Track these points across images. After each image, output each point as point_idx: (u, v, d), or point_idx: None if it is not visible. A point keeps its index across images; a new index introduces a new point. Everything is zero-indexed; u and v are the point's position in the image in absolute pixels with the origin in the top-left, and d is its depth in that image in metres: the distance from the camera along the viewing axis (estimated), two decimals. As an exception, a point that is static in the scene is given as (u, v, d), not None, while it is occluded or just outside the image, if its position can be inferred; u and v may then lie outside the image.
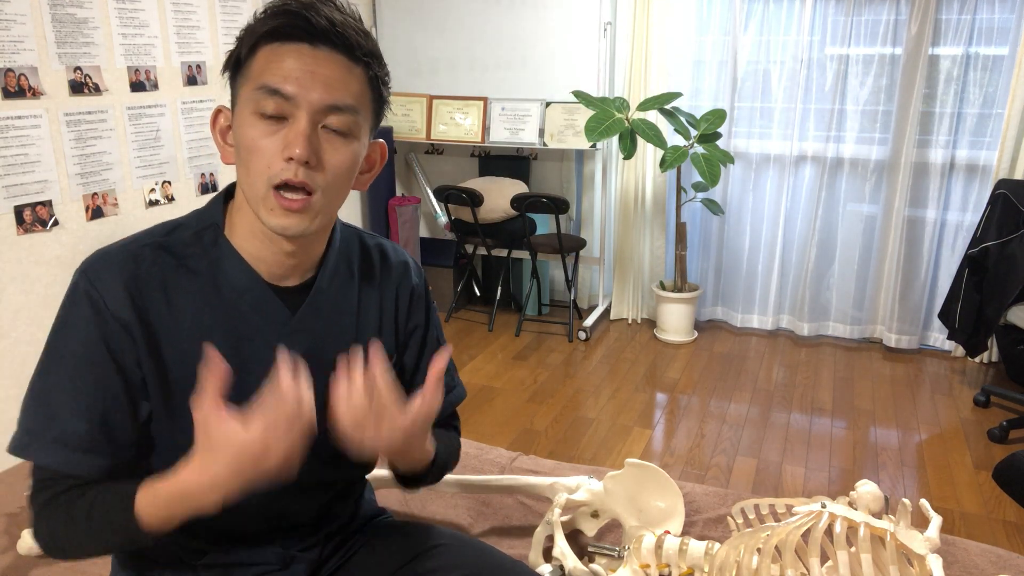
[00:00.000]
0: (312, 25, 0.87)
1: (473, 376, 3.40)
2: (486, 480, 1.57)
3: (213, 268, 0.97)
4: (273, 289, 0.99)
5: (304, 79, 0.87)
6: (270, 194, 0.89)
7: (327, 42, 0.89)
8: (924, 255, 3.62)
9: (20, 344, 2.44)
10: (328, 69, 0.89)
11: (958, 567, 1.47)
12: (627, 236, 4.00)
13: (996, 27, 3.33)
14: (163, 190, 2.92)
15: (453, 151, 4.36)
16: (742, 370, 3.49)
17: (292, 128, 0.88)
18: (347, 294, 1.06)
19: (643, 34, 3.72)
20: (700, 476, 2.61)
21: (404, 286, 1.12)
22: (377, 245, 1.12)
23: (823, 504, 1.14)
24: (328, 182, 0.91)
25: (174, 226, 0.99)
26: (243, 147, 0.90)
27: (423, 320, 1.14)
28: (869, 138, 3.64)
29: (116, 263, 0.93)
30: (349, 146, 0.92)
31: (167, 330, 0.94)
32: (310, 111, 0.88)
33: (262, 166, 0.89)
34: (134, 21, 2.74)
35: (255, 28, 0.90)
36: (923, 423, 2.98)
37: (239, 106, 0.92)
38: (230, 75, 0.94)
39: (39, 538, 0.92)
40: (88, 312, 0.91)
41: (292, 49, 0.88)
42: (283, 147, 0.88)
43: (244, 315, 0.97)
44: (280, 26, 0.88)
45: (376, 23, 4.09)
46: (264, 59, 0.89)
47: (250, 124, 0.89)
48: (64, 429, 0.90)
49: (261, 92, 0.88)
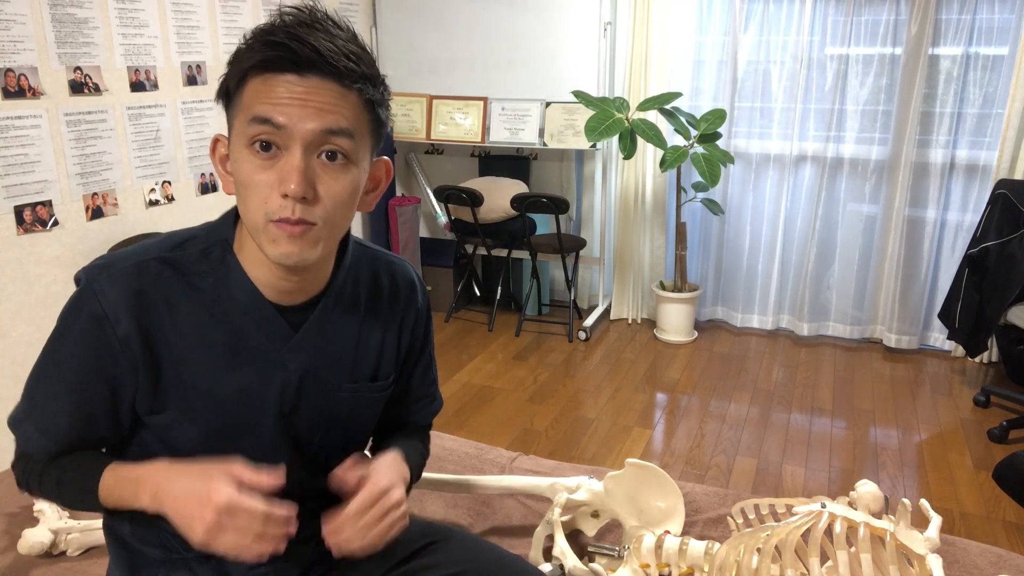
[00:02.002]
0: (298, 55, 0.85)
1: (473, 376, 3.40)
2: (486, 480, 1.57)
3: (218, 285, 0.97)
4: (277, 308, 0.99)
5: (294, 108, 0.85)
6: (269, 225, 0.89)
7: (315, 71, 0.86)
8: (924, 255, 3.62)
9: (20, 344, 2.44)
10: (319, 97, 0.86)
11: (958, 567, 1.47)
12: (627, 236, 4.00)
13: (996, 27, 3.33)
14: (163, 190, 2.92)
15: (453, 151, 4.36)
16: (742, 370, 3.49)
17: (287, 161, 0.87)
18: (351, 318, 1.06)
19: (643, 34, 3.72)
20: (700, 476, 2.61)
21: (410, 310, 1.13)
22: (387, 267, 1.11)
23: (823, 504, 1.14)
24: (328, 212, 0.89)
25: (183, 239, 0.99)
26: (239, 181, 0.90)
27: (421, 335, 1.17)
28: (869, 138, 3.64)
29: (122, 277, 0.93)
30: (347, 174, 0.90)
31: (168, 347, 0.95)
32: (303, 141, 0.86)
33: (258, 201, 0.88)
34: (134, 21, 2.74)
35: (242, 60, 0.88)
36: (923, 423, 2.98)
37: (233, 139, 0.91)
38: (224, 106, 0.93)
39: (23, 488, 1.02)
40: (88, 327, 0.93)
41: (281, 80, 0.86)
42: (278, 182, 0.87)
43: (246, 333, 0.97)
44: (267, 58, 0.86)
45: (376, 23, 4.09)
46: (254, 90, 0.87)
47: (245, 158, 0.88)
48: (48, 424, 0.97)
49: (253, 124, 0.87)
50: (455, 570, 1.07)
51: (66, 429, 0.97)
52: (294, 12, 0.89)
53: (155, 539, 1.04)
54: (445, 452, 1.92)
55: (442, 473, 1.65)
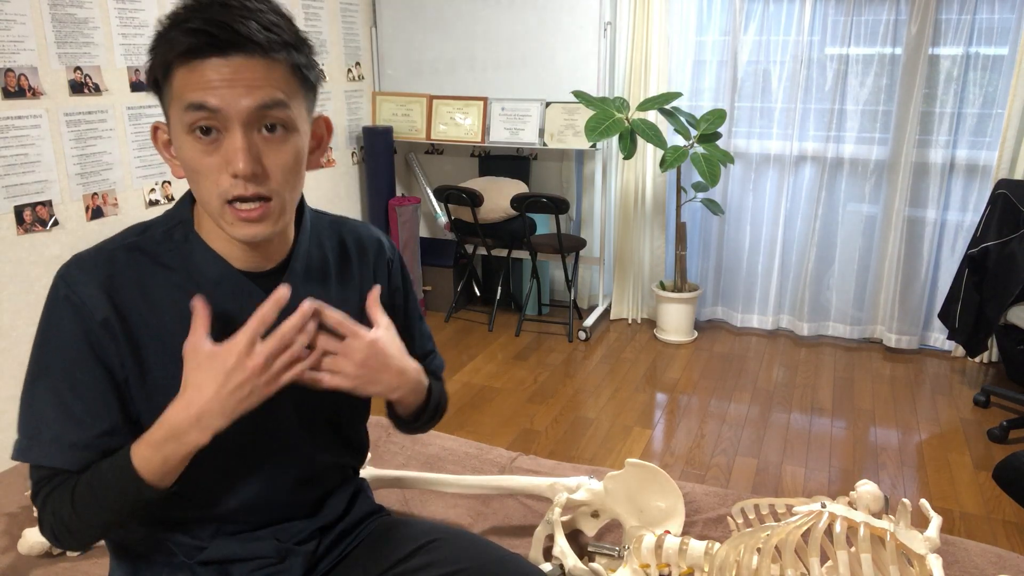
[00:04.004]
0: (218, 39, 0.86)
1: (473, 376, 3.40)
2: (486, 480, 1.57)
3: (186, 262, 0.99)
4: (247, 275, 1.01)
5: (224, 89, 0.86)
6: (226, 209, 0.91)
7: (237, 50, 0.87)
8: (924, 255, 3.62)
9: (20, 344, 2.44)
10: (247, 74, 0.87)
11: (958, 567, 1.47)
12: (627, 236, 4.00)
13: (996, 27, 3.33)
14: (163, 190, 2.92)
15: (453, 151, 4.36)
16: (742, 370, 3.49)
17: (229, 143, 0.88)
18: (323, 282, 1.07)
19: (643, 34, 3.72)
20: (700, 476, 2.61)
21: (380, 263, 1.16)
22: (351, 231, 1.14)
23: (823, 504, 1.14)
24: (280, 184, 0.92)
25: (144, 227, 1.01)
26: (187, 167, 0.92)
27: (400, 284, 1.19)
28: (869, 138, 3.64)
29: (91, 266, 0.96)
30: (289, 141, 0.92)
31: (148, 328, 0.96)
32: (241, 120, 0.88)
33: (210, 184, 0.90)
34: (134, 21, 2.74)
35: (163, 50, 0.89)
36: (923, 423, 2.98)
37: (173, 126, 0.92)
38: (155, 95, 0.94)
39: (46, 530, 0.95)
40: (70, 316, 0.94)
41: (207, 65, 0.87)
42: (225, 163, 0.89)
43: (222, 303, 0.99)
44: (189, 47, 0.86)
45: (376, 23, 4.09)
46: (182, 79, 0.88)
47: (188, 145, 0.90)
48: (59, 430, 0.93)
49: (189, 111, 0.88)
50: (455, 568, 1.07)
51: (79, 430, 0.93)
52: None
53: (158, 545, 1.04)
54: (445, 452, 1.92)
55: (442, 473, 1.65)
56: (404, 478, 1.59)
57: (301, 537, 1.09)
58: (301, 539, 1.09)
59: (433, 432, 1.99)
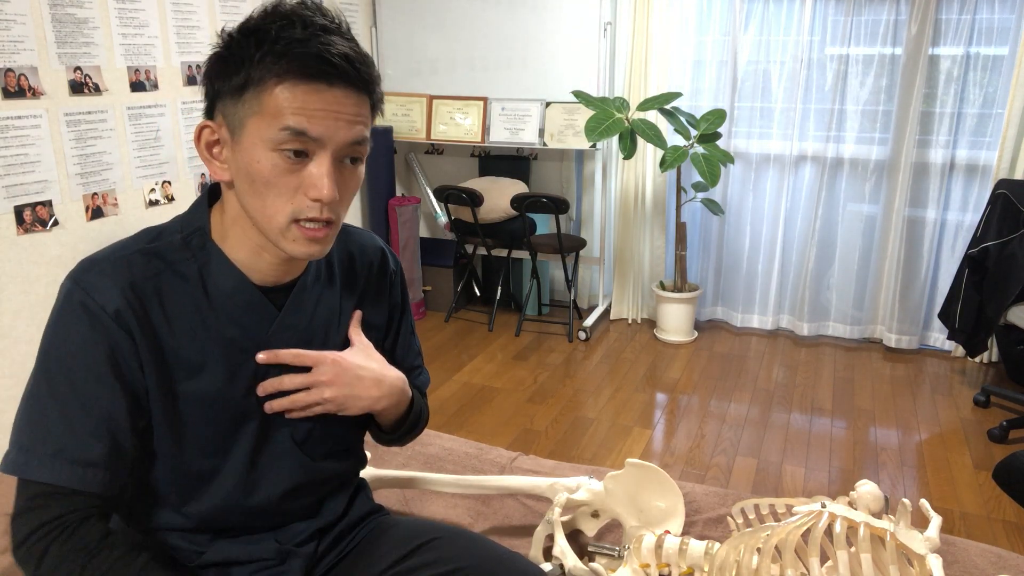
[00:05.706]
0: (332, 66, 0.86)
1: (473, 376, 3.40)
2: (486, 480, 1.57)
3: (202, 272, 0.97)
4: (260, 290, 1.01)
5: (328, 120, 0.88)
6: (293, 226, 0.91)
7: (344, 82, 0.88)
8: (924, 255, 3.62)
9: (20, 344, 2.44)
10: (347, 107, 0.89)
11: (958, 567, 1.47)
12: (627, 236, 4.00)
13: (996, 27, 3.33)
14: (163, 190, 2.92)
15: (453, 151, 4.36)
16: (742, 370, 3.49)
17: (317, 167, 0.89)
18: (330, 293, 1.08)
19: (643, 34, 3.72)
20: (700, 476, 2.61)
21: (384, 277, 1.17)
22: (356, 241, 1.15)
23: (823, 504, 1.14)
24: (344, 208, 0.96)
25: (158, 231, 0.99)
26: (258, 179, 0.89)
27: (399, 300, 1.20)
28: (869, 138, 3.64)
29: (110, 270, 0.92)
30: (359, 171, 0.96)
31: (165, 335, 0.95)
32: (334, 150, 0.90)
33: (282, 201, 0.90)
34: (134, 21, 2.74)
35: (270, 60, 0.86)
36: (923, 423, 2.98)
37: (247, 134, 0.89)
38: (226, 93, 0.90)
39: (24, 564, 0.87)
40: (85, 324, 0.89)
41: (311, 89, 0.87)
42: (307, 185, 0.89)
43: (234, 316, 0.98)
44: (302, 67, 0.86)
45: (376, 23, 4.09)
46: (283, 98, 0.86)
47: (269, 160, 0.88)
48: (62, 444, 0.87)
49: (284, 132, 0.87)
50: (455, 567, 1.07)
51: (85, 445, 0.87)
52: (304, 11, 0.88)
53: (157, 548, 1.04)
54: (445, 452, 1.92)
55: (442, 473, 1.65)
56: (404, 478, 1.59)
57: (301, 538, 1.09)
58: (301, 540, 1.09)
59: (433, 432, 1.99)
